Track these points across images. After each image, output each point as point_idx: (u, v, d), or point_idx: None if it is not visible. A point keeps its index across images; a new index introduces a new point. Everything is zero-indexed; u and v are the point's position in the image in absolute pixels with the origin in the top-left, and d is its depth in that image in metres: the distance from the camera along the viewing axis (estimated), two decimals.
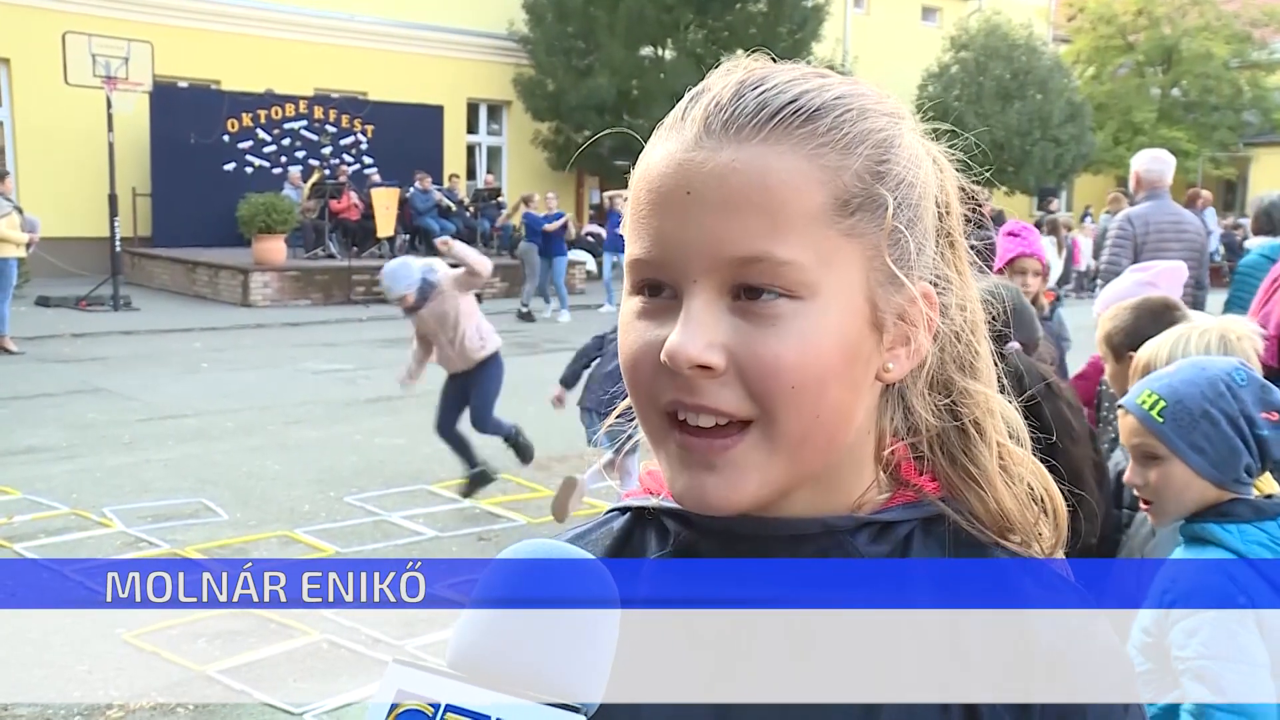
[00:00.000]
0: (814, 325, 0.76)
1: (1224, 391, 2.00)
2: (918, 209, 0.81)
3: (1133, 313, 2.83)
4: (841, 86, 0.81)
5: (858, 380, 0.79)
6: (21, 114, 19.41)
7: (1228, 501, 2.00)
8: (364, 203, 19.30)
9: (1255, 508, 1.99)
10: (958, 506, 0.85)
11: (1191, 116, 33.32)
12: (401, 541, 6.25)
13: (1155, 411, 2.02)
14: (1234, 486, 2.00)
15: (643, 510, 0.90)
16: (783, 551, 0.82)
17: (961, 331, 0.86)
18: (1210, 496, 2.00)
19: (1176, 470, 2.01)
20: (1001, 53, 28.92)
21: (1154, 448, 2.02)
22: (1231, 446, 1.99)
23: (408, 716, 0.65)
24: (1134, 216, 6.22)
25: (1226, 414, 1.99)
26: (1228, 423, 1.99)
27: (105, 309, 15.97)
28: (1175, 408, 2.01)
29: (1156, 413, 2.02)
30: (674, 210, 0.77)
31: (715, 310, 0.76)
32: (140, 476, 7.63)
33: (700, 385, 0.76)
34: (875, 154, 0.79)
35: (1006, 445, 0.88)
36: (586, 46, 23.23)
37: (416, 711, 0.65)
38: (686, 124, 0.79)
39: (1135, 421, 2.05)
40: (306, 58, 22.02)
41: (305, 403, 10.14)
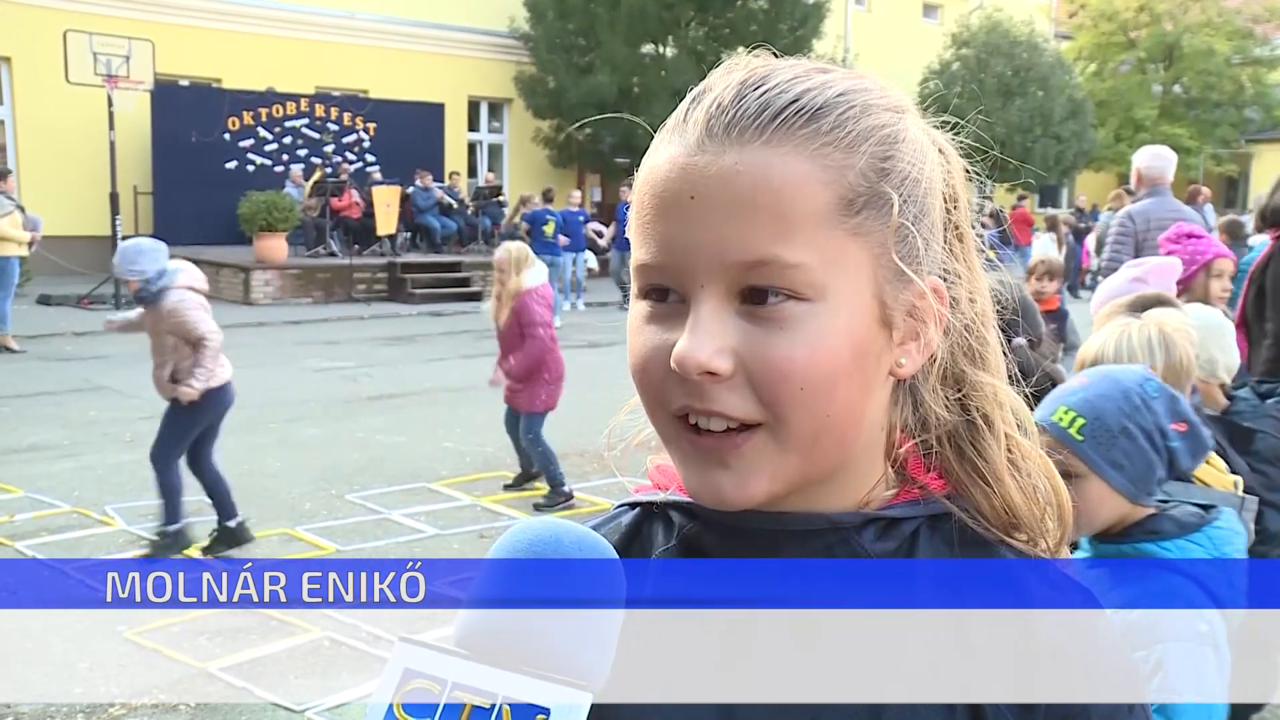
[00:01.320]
0: (823, 326, 0.75)
1: (1139, 405, 1.95)
2: (924, 204, 0.81)
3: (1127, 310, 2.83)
4: (844, 83, 0.80)
5: (869, 378, 0.79)
6: (23, 112, 19.41)
7: (1150, 518, 1.96)
8: (365, 201, 19.30)
9: (1178, 523, 1.97)
10: (964, 504, 0.85)
11: (1193, 113, 33.33)
12: (402, 539, 6.25)
13: (1074, 430, 1.95)
14: (1147, 501, 1.97)
15: (651, 505, 0.90)
16: (788, 546, 0.82)
17: (971, 324, 0.86)
18: (1124, 511, 1.96)
19: (1094, 487, 1.94)
20: (1003, 49, 28.92)
21: (1072, 465, 1.93)
22: (1149, 461, 1.95)
23: (416, 695, 0.66)
24: (1135, 213, 6.21)
25: (1143, 429, 1.94)
26: (1144, 438, 1.95)
27: (107, 307, 15.97)
28: (1094, 425, 1.94)
29: (1075, 430, 1.95)
30: (679, 215, 0.76)
31: (723, 315, 0.76)
32: (142, 474, 7.61)
33: (709, 390, 0.76)
34: (879, 151, 0.78)
35: (1015, 438, 0.87)
36: (587, 44, 23.23)
37: (424, 690, 0.65)
38: (689, 126, 0.78)
39: (1051, 439, 1.94)
40: (308, 56, 22.02)
41: (306, 400, 10.14)
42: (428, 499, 7.12)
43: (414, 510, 6.82)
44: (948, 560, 0.83)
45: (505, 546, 0.74)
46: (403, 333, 15.38)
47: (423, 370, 12.20)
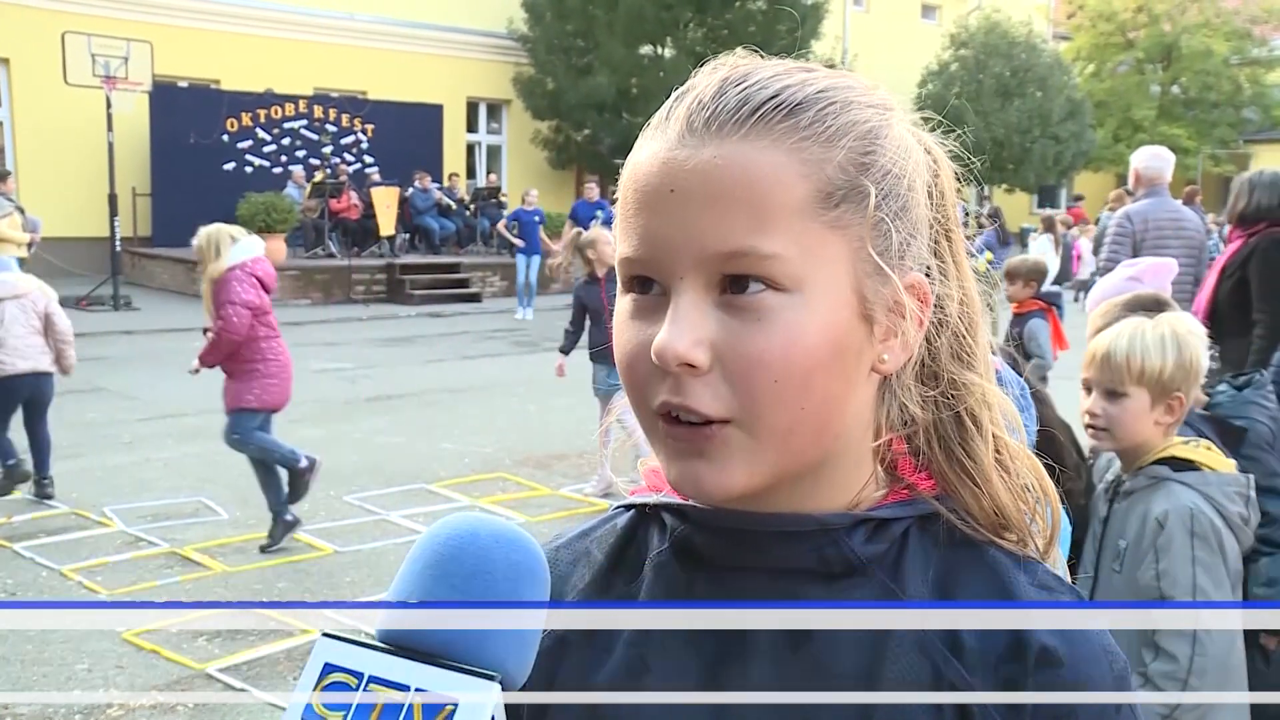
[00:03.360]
0: (800, 319, 0.76)
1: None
2: (905, 200, 0.81)
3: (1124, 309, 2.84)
4: (826, 80, 0.81)
5: (849, 372, 0.79)
6: (21, 114, 19.41)
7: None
8: (364, 202, 19.30)
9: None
10: (953, 504, 0.85)
11: (1191, 113, 33.35)
12: (400, 540, 6.25)
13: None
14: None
15: (645, 507, 0.91)
16: (778, 548, 0.82)
17: (957, 323, 0.86)
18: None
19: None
20: (1001, 50, 28.94)
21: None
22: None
23: (333, 688, 0.69)
24: (1133, 214, 6.22)
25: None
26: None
27: (105, 309, 15.98)
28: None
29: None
30: (659, 208, 0.77)
31: (702, 307, 0.76)
32: (140, 476, 7.64)
33: (686, 384, 0.76)
34: (859, 145, 0.78)
35: (1003, 438, 0.87)
36: (586, 45, 23.24)
37: (342, 683, 0.69)
38: (671, 123, 0.79)
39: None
40: (306, 57, 22.02)
41: (305, 401, 10.13)
42: (426, 500, 7.12)
43: (412, 511, 6.82)
44: (937, 560, 0.83)
45: (424, 541, 0.74)
46: (401, 334, 15.38)
47: (421, 371, 12.20)
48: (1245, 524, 2.31)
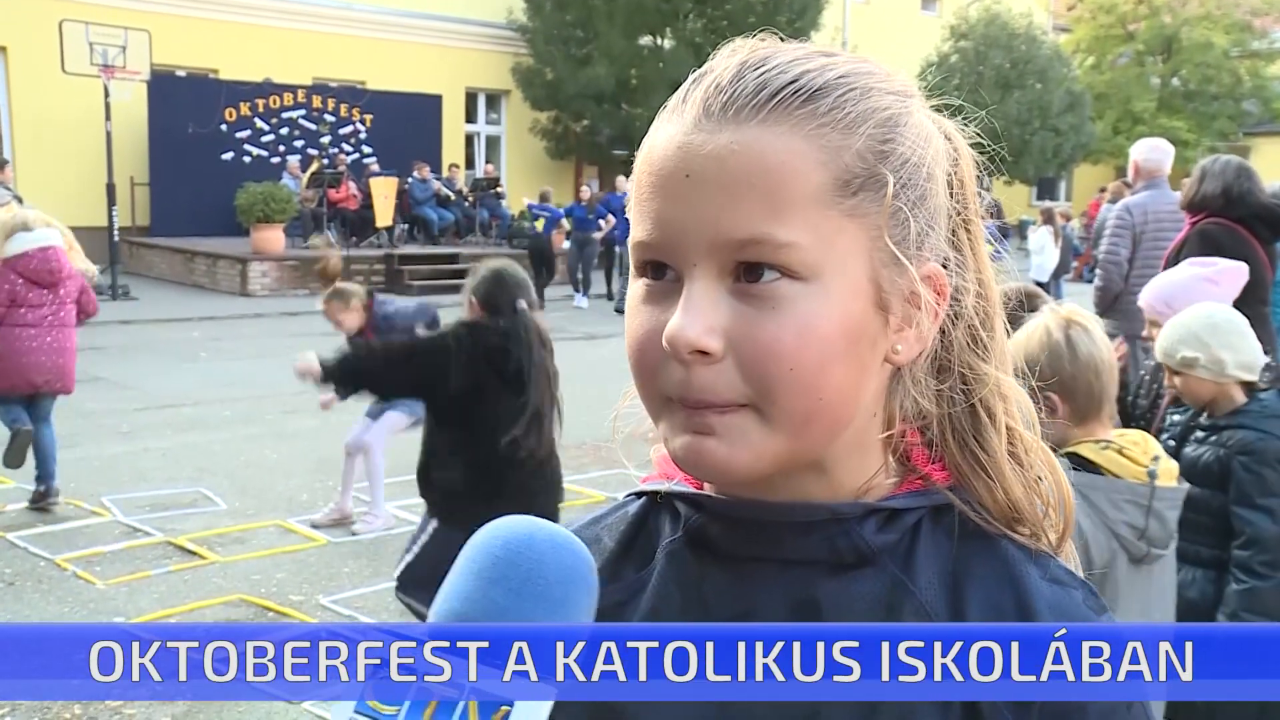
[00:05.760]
0: (815, 307, 0.74)
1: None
2: (924, 189, 0.79)
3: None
4: (846, 65, 0.79)
5: (864, 361, 0.78)
6: (19, 103, 19.37)
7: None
8: (362, 192, 19.29)
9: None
10: (966, 496, 0.84)
11: (1191, 106, 33.31)
12: (398, 531, 6.24)
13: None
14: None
15: (657, 495, 0.90)
16: (790, 538, 0.81)
17: (973, 315, 0.85)
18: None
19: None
20: (1001, 42, 28.90)
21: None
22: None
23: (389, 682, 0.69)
24: (1133, 206, 6.20)
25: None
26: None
27: (103, 298, 15.85)
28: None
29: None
30: (674, 193, 0.76)
31: (715, 294, 0.75)
32: (138, 465, 7.63)
33: (698, 373, 0.75)
34: (879, 133, 0.77)
35: (1017, 430, 0.86)
36: (585, 35, 23.19)
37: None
38: (687, 106, 0.78)
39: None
40: (305, 47, 21.97)
41: (303, 392, 10.05)
42: None
43: (408, 502, 6.79)
44: (948, 552, 0.82)
45: (481, 543, 0.74)
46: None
47: None
48: (1138, 533, 2.27)
